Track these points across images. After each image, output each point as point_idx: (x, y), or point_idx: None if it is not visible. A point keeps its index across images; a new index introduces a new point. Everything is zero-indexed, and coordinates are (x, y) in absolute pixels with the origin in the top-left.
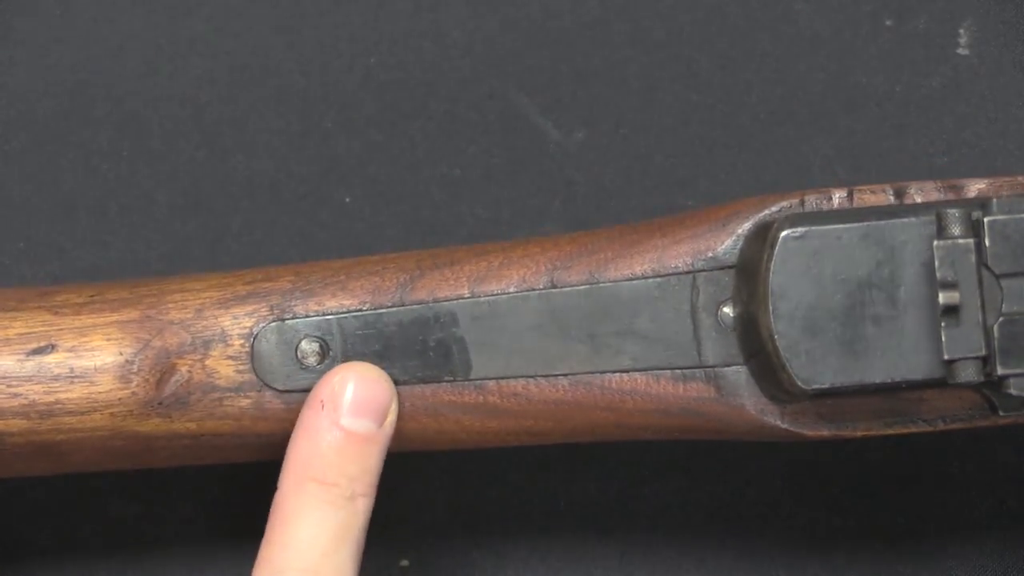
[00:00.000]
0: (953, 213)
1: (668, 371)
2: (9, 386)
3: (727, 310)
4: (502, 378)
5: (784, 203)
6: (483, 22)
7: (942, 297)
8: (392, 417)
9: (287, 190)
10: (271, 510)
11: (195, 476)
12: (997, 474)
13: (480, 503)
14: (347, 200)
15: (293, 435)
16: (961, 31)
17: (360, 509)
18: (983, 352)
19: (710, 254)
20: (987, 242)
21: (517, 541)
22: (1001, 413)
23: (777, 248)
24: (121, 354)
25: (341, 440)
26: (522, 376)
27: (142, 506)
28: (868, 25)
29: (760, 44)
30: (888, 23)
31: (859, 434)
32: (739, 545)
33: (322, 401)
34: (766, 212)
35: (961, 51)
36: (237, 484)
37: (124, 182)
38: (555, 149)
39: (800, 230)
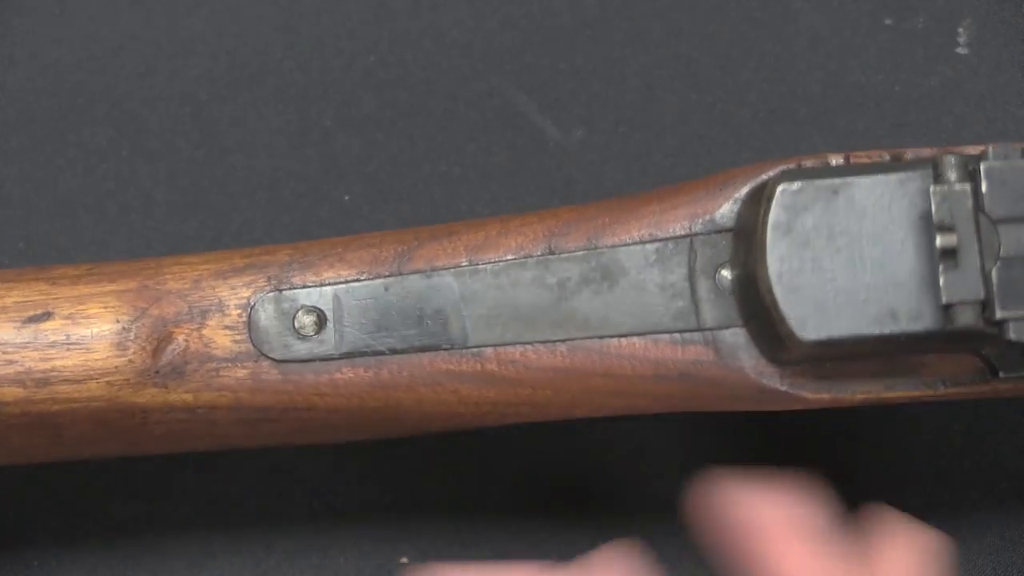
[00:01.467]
0: (949, 159)
1: (666, 335)
2: (5, 353)
3: (725, 273)
4: (500, 345)
5: (781, 167)
6: (483, 21)
7: (939, 240)
8: None
9: (286, 189)
10: None
11: (195, 476)
12: (997, 474)
13: (480, 503)
14: (346, 198)
15: None
16: (960, 30)
17: None
18: (981, 296)
19: (708, 217)
20: (984, 187)
21: (517, 541)
22: (1001, 375)
23: (774, 201)
24: (118, 321)
25: None
26: (520, 343)
27: (142, 506)
28: (868, 25)
29: (760, 44)
30: (887, 22)
31: (859, 397)
32: None
33: None
34: (763, 177)
35: (960, 51)
36: (237, 483)
37: (124, 182)
38: (554, 147)
39: (797, 184)
